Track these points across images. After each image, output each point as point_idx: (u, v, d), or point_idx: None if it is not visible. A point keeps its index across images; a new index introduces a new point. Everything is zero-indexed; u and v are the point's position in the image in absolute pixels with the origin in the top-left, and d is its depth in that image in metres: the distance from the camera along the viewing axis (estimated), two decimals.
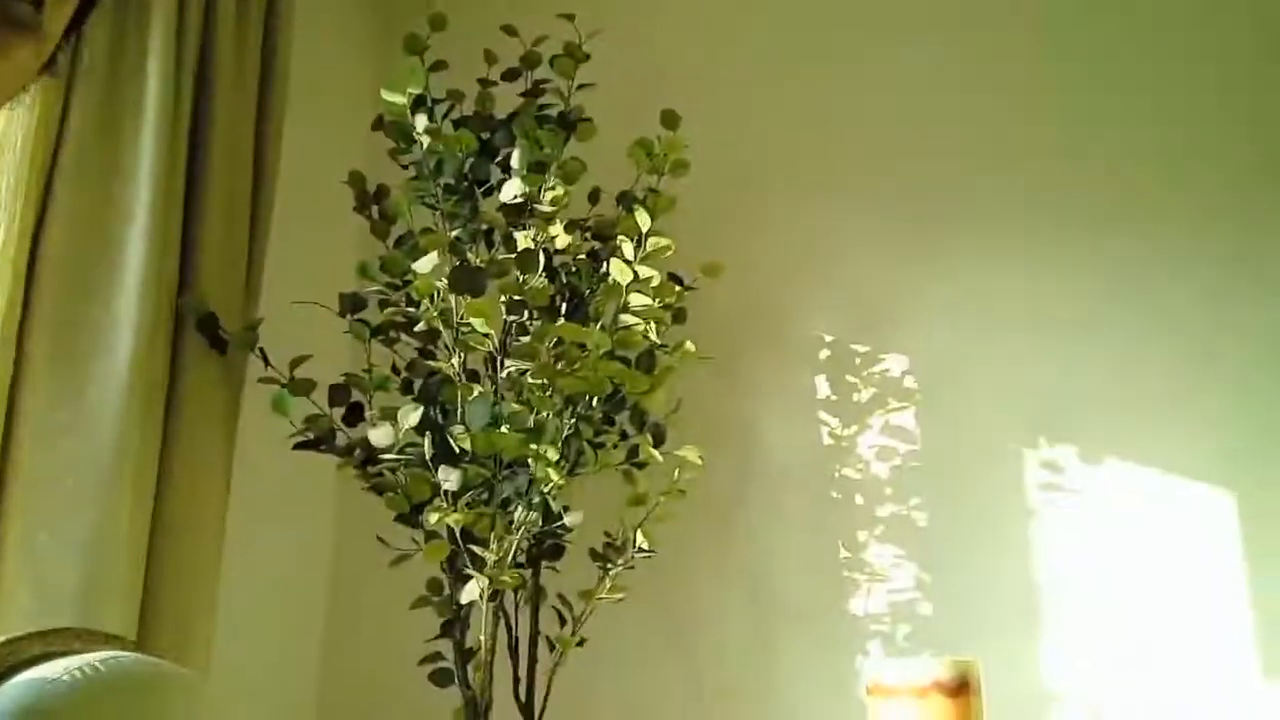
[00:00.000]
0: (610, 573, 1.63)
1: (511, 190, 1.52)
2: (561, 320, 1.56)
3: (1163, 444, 1.72)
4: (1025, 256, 1.86)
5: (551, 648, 1.62)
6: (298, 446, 1.55)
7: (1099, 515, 1.73)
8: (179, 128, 1.59)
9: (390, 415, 1.48)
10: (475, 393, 1.47)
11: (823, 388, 1.93)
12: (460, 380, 1.52)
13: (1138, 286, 1.79)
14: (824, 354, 1.94)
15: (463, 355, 1.54)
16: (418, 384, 1.61)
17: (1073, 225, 1.85)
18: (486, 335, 1.48)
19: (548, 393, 1.46)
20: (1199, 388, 1.72)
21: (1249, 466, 1.67)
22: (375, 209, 1.64)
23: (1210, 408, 1.71)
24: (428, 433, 1.49)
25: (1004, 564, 1.76)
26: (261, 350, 1.57)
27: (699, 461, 1.59)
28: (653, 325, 1.54)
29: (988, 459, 1.81)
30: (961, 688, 1.36)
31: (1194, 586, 1.66)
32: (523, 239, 1.51)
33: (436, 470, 1.46)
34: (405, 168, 1.60)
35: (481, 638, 1.53)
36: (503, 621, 1.65)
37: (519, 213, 1.54)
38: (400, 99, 1.48)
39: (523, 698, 1.64)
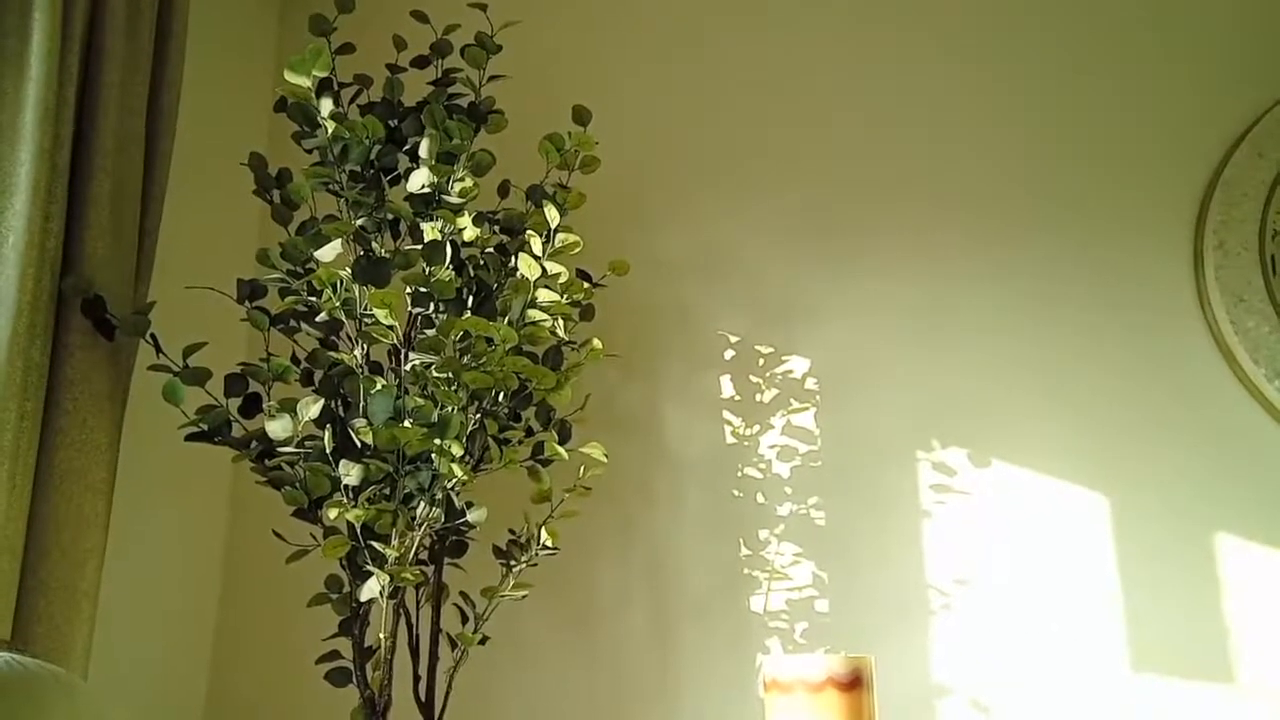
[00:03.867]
0: (514, 570, 1.62)
1: (419, 180, 1.49)
2: (468, 314, 1.54)
3: (1043, 447, 1.80)
4: (924, 266, 1.92)
5: (453, 646, 1.59)
6: (190, 438, 1.49)
7: (986, 516, 1.79)
8: (65, 95, 1.51)
9: (289, 407, 1.44)
10: (378, 385, 1.44)
11: (727, 387, 1.95)
12: (363, 373, 1.49)
13: (1027, 296, 1.86)
14: (729, 354, 1.97)
15: (366, 347, 1.51)
16: (318, 375, 1.56)
17: (969, 237, 1.91)
18: (391, 327, 1.45)
19: (453, 387, 1.44)
20: (1076, 393, 1.80)
21: (1121, 470, 1.75)
22: (277, 193, 1.58)
23: (1087, 413, 1.79)
24: (328, 426, 1.45)
25: (898, 563, 1.81)
26: (153, 336, 1.51)
27: (604, 459, 1.59)
28: (560, 321, 1.54)
29: (883, 460, 1.86)
30: (855, 683, 1.39)
31: (1072, 585, 1.73)
32: (430, 230, 1.48)
33: (337, 464, 1.42)
34: (309, 152, 1.55)
35: (381, 636, 1.50)
36: (403, 619, 1.63)
37: (426, 203, 1.51)
38: (304, 81, 1.43)
39: (423, 696, 1.62)
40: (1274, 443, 1.72)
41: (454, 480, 1.43)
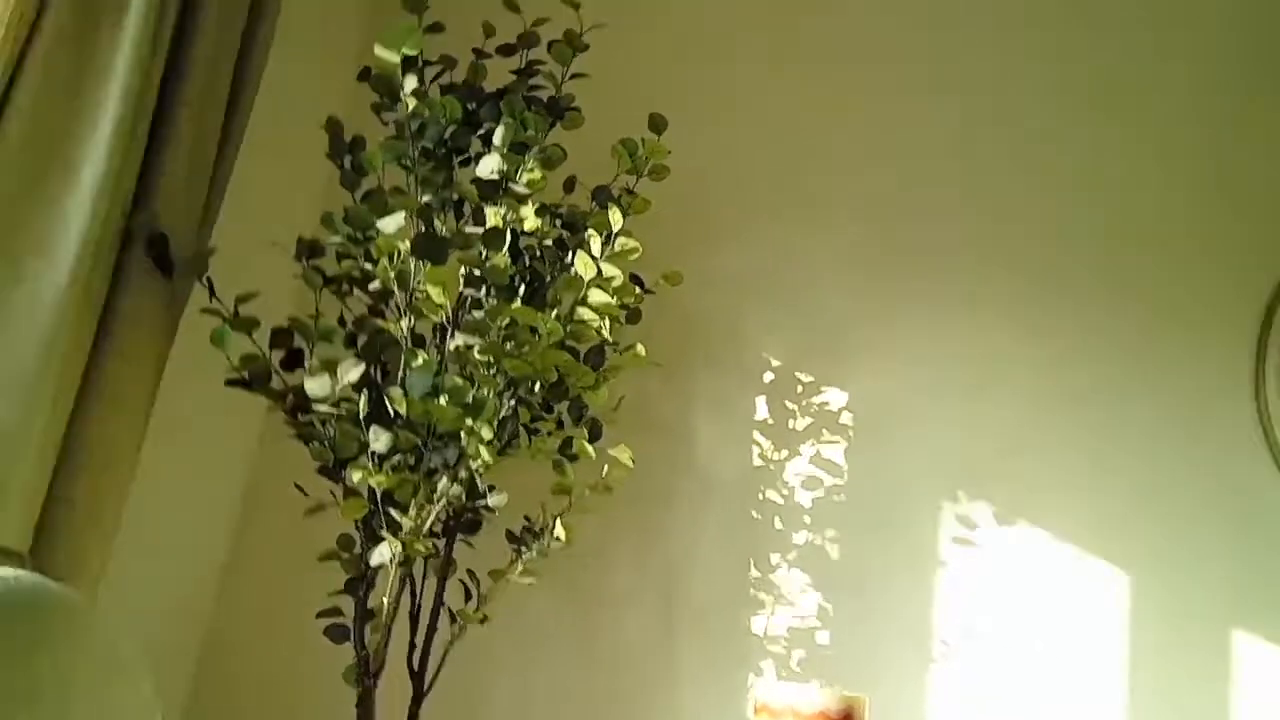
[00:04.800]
0: (523, 556, 1.63)
1: (489, 166, 1.51)
2: (518, 302, 1.56)
3: (1070, 515, 1.79)
4: (976, 316, 1.91)
5: (453, 620, 1.61)
6: (230, 383, 1.52)
7: (1002, 574, 1.78)
8: (159, 42, 1.55)
9: (330, 367, 1.46)
10: (420, 359, 1.46)
11: (761, 410, 1.96)
12: (406, 344, 1.51)
13: (1072, 365, 1.85)
14: (768, 377, 1.97)
15: (413, 320, 1.53)
16: (362, 340, 1.59)
17: (1020, 301, 1.90)
18: (440, 305, 1.47)
19: (492, 371, 1.45)
20: (1110, 466, 1.79)
21: (1146, 549, 1.74)
22: (348, 159, 1.61)
23: (1119, 488, 1.77)
24: (365, 390, 1.47)
25: (906, 607, 1.80)
26: (209, 280, 1.54)
27: (630, 464, 1.60)
28: (607, 322, 1.55)
29: (906, 504, 1.85)
30: None
31: (1078, 656, 1.72)
32: (492, 215, 1.50)
33: (368, 429, 1.45)
34: (386, 124, 1.58)
35: (385, 600, 1.52)
36: (408, 588, 1.65)
37: (493, 189, 1.53)
38: (393, 56, 1.46)
39: (416, 666, 1.64)
40: None
41: (479, 461, 1.45)
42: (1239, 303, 1.82)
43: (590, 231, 1.52)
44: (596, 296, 1.51)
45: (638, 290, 1.61)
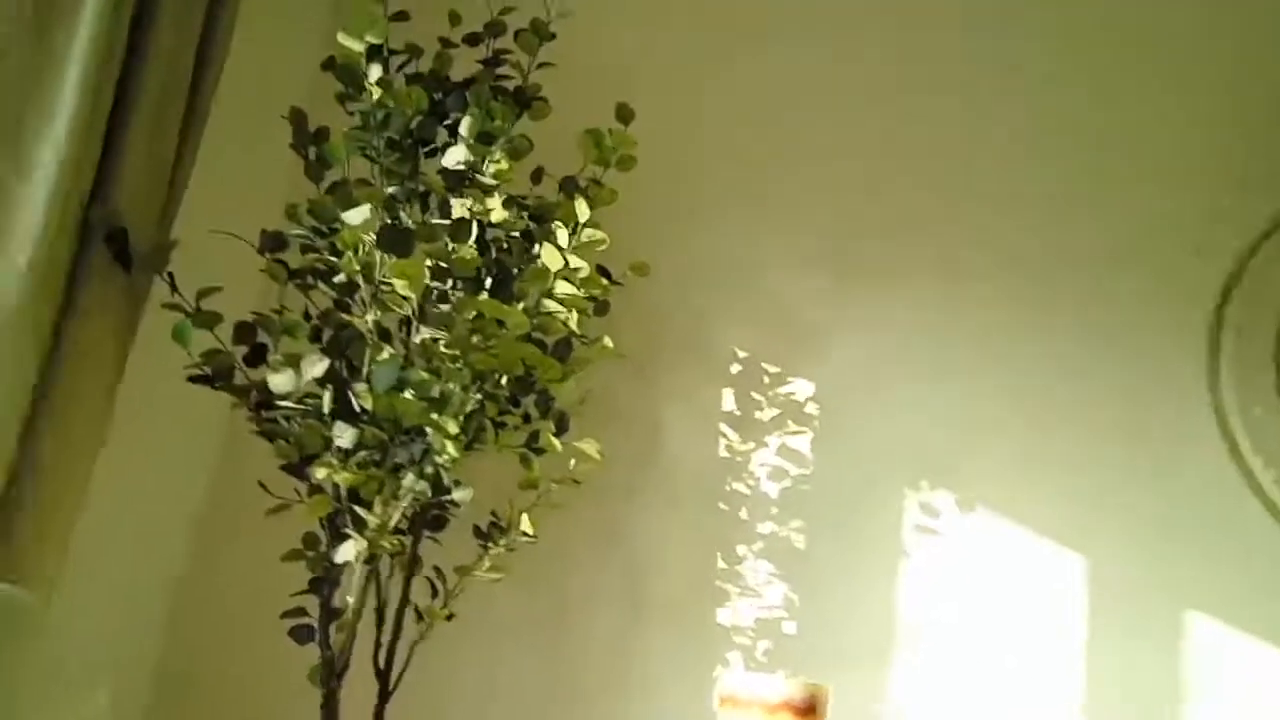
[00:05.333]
0: (490, 551, 1.63)
1: (455, 156, 1.50)
2: (484, 294, 1.55)
3: (1030, 502, 1.81)
4: (938, 313, 1.93)
5: (419, 618, 1.60)
6: (193, 379, 1.50)
7: (964, 561, 1.80)
8: (117, 32, 1.51)
9: (294, 362, 1.45)
10: (385, 354, 1.45)
11: (728, 401, 1.96)
12: (372, 338, 1.50)
13: (1035, 356, 1.87)
14: (735, 368, 1.98)
15: (378, 313, 1.51)
16: (327, 335, 1.57)
17: (984, 289, 1.92)
18: (406, 298, 1.46)
19: (458, 365, 1.44)
20: (1069, 454, 1.82)
21: (1103, 534, 1.77)
22: (313, 150, 1.59)
23: (1077, 474, 1.81)
24: (330, 386, 1.46)
25: (869, 596, 1.82)
26: (170, 275, 1.52)
27: (597, 457, 1.60)
28: (574, 315, 1.55)
29: (871, 493, 1.87)
30: (810, 710, 1.41)
31: (1038, 641, 1.74)
32: (458, 207, 1.49)
33: (333, 425, 1.43)
34: (351, 114, 1.56)
35: (350, 599, 1.51)
36: (373, 586, 1.63)
37: (459, 180, 1.52)
38: (357, 45, 1.44)
39: (382, 664, 1.62)
40: (1262, 531, 1.72)
41: (445, 456, 1.44)
42: (1195, 293, 1.85)
43: (557, 223, 1.51)
44: (563, 288, 1.50)
45: (605, 282, 1.60)
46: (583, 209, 1.52)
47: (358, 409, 1.46)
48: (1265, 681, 1.67)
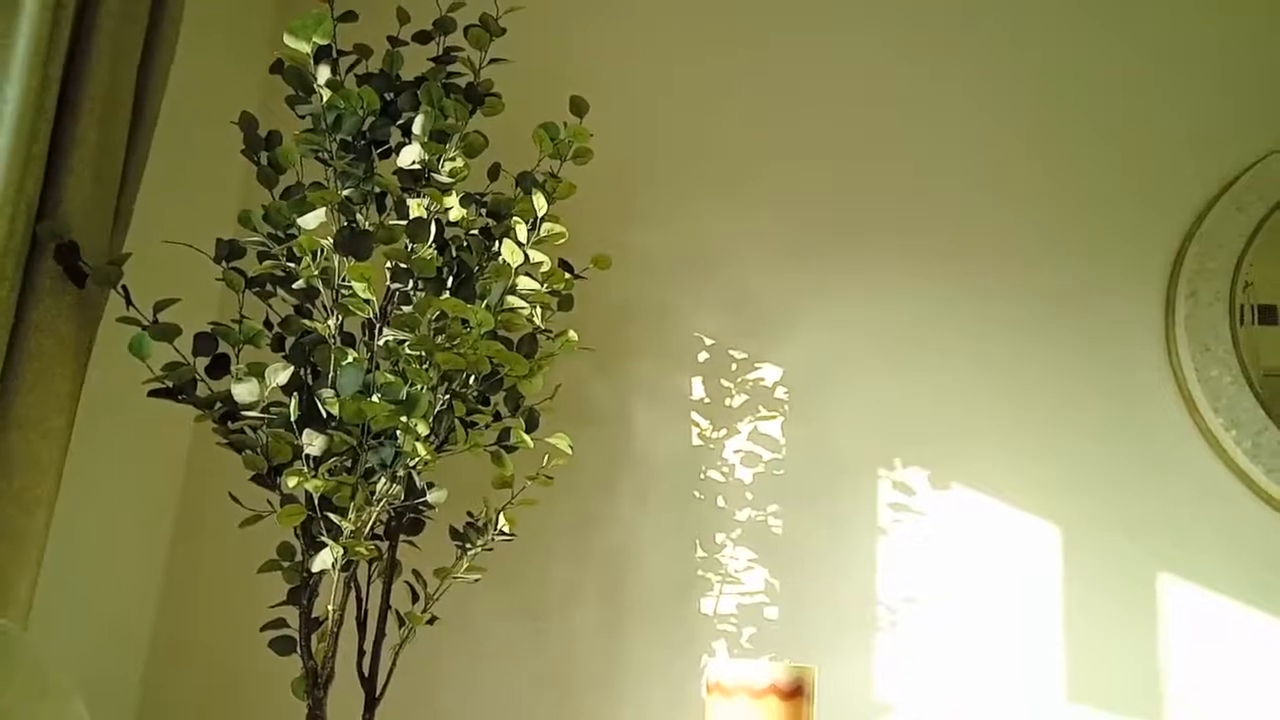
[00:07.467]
0: (469, 552, 1.62)
1: (410, 156, 1.48)
2: (446, 294, 1.54)
3: (1002, 475, 1.83)
4: (902, 291, 1.94)
5: (401, 623, 1.59)
6: (154, 394, 1.48)
7: (940, 537, 1.82)
8: (57, 40, 1.48)
9: (258, 371, 1.43)
10: (349, 358, 1.43)
11: (698, 389, 1.96)
12: (335, 343, 1.48)
13: (999, 326, 1.89)
14: (703, 356, 1.98)
15: (340, 318, 1.50)
16: (290, 342, 1.55)
17: (947, 265, 1.94)
18: (368, 301, 1.44)
19: (424, 366, 1.43)
20: (1038, 425, 1.83)
21: (1075, 503, 1.79)
22: (265, 155, 1.57)
23: (1047, 445, 1.82)
24: (295, 393, 1.44)
25: (849, 577, 1.83)
26: (125, 288, 1.49)
27: (569, 450, 1.60)
28: (538, 310, 1.54)
29: (845, 474, 1.88)
30: (796, 692, 1.41)
31: (1017, 612, 1.76)
32: (415, 207, 1.48)
33: (300, 433, 1.42)
34: (302, 117, 1.54)
35: (330, 608, 1.49)
36: (353, 593, 1.62)
37: (415, 180, 1.50)
38: (304, 46, 1.42)
39: (366, 672, 1.61)
40: (1226, 490, 1.75)
41: (417, 459, 1.43)
42: (1149, 259, 1.88)
43: (515, 219, 1.50)
44: (525, 283, 1.49)
45: (567, 276, 1.60)
46: (540, 203, 1.51)
47: (325, 415, 1.44)
48: (1238, 640, 1.69)
